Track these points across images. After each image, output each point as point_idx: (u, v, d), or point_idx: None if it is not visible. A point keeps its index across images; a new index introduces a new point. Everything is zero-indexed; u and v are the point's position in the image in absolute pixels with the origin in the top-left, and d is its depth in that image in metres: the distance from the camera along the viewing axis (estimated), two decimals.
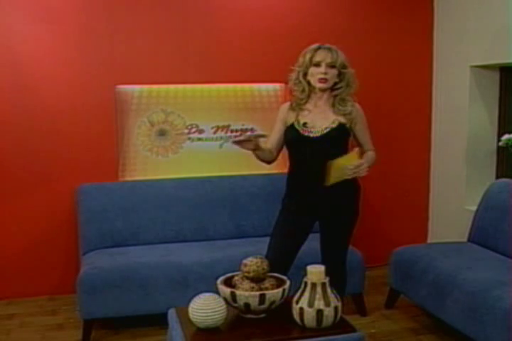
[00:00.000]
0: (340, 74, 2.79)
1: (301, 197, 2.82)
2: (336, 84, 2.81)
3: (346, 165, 2.66)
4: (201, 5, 3.94)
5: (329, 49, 2.79)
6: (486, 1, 3.86)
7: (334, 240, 2.90)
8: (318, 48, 2.79)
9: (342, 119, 2.80)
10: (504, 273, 2.98)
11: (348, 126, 2.82)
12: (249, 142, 2.65)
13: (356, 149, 2.71)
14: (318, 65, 2.76)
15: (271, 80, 3.99)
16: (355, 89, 2.86)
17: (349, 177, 2.67)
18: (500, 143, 3.75)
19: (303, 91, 2.83)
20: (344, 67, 2.80)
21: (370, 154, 2.93)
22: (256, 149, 2.72)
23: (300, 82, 2.83)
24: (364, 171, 2.68)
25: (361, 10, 4.22)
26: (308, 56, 2.79)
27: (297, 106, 2.86)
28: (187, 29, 3.93)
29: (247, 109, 4.11)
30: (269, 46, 4.02)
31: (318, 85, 2.78)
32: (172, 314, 2.57)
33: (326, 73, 2.75)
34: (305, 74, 2.81)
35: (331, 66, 2.76)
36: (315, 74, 2.77)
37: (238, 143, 2.65)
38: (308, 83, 2.82)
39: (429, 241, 4.54)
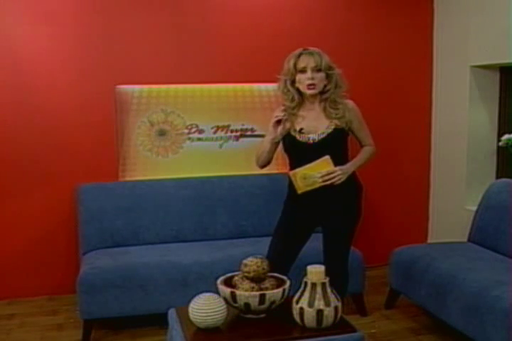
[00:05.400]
0: (327, 77, 2.78)
1: (302, 199, 2.81)
2: (324, 86, 2.79)
3: (314, 174, 2.67)
4: (201, 5, 3.94)
5: (311, 53, 2.76)
6: (486, 1, 3.86)
7: (336, 240, 2.89)
8: (301, 54, 2.77)
9: (337, 122, 2.79)
10: (504, 273, 2.98)
11: (343, 127, 2.80)
12: (280, 128, 2.75)
13: (326, 157, 2.69)
14: (303, 71, 2.75)
15: (271, 80, 3.95)
16: (346, 89, 2.84)
17: (321, 184, 2.69)
18: (500, 143, 3.76)
19: (292, 99, 2.82)
20: (330, 68, 2.77)
21: (366, 150, 2.91)
22: (278, 141, 2.81)
23: (289, 90, 2.82)
24: (338, 178, 2.69)
25: (361, 10, 4.22)
26: (291, 62, 2.77)
27: (291, 114, 2.83)
28: (187, 29, 3.93)
29: (247, 109, 4.11)
30: (269, 46, 4.01)
31: (308, 92, 2.77)
32: (172, 314, 2.57)
33: (313, 78, 2.74)
34: (293, 82, 2.80)
35: (317, 70, 2.74)
36: (303, 81, 2.76)
37: (279, 122, 2.75)
38: (298, 90, 2.81)
39: (429, 241, 4.54)
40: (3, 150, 3.75)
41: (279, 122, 2.76)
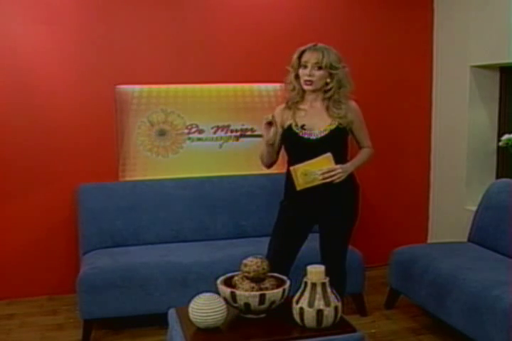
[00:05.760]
0: (330, 75, 2.77)
1: (299, 198, 2.82)
2: (327, 85, 2.79)
3: (315, 171, 2.67)
4: (201, 5, 3.94)
5: (316, 49, 2.75)
6: (487, 1, 3.86)
7: (333, 240, 2.89)
8: (307, 49, 2.77)
9: (339, 120, 2.79)
10: (504, 273, 2.98)
11: (345, 126, 2.81)
12: (273, 130, 2.73)
13: (328, 154, 2.69)
14: (305, 66, 2.76)
15: (271, 80, 3.98)
16: (351, 90, 2.83)
17: (321, 182, 2.69)
18: (500, 143, 3.76)
19: (293, 89, 2.83)
20: (333, 67, 2.74)
21: (365, 151, 2.92)
22: (273, 143, 2.79)
23: (291, 82, 2.83)
24: (338, 176, 2.69)
25: (361, 10, 4.22)
26: (296, 56, 2.79)
27: (293, 105, 2.85)
28: (187, 29, 3.93)
29: (247, 109, 4.10)
30: (269, 46, 4.01)
31: (305, 87, 2.77)
32: (172, 314, 2.57)
33: (310, 75, 2.73)
34: (297, 76, 2.81)
35: (318, 67, 2.73)
36: (302, 76, 2.77)
37: (270, 124, 2.73)
38: (300, 84, 2.81)
39: (429, 241, 4.54)
40: (3, 151, 3.75)
41: (270, 124, 2.75)
